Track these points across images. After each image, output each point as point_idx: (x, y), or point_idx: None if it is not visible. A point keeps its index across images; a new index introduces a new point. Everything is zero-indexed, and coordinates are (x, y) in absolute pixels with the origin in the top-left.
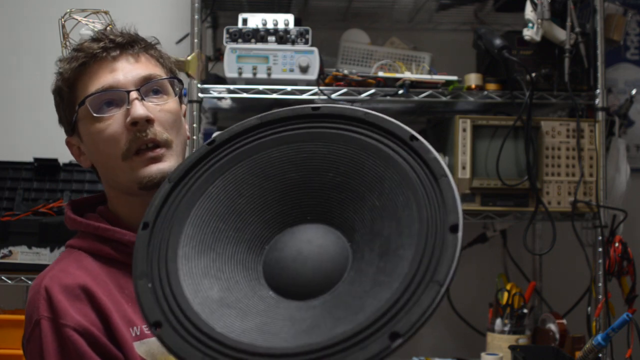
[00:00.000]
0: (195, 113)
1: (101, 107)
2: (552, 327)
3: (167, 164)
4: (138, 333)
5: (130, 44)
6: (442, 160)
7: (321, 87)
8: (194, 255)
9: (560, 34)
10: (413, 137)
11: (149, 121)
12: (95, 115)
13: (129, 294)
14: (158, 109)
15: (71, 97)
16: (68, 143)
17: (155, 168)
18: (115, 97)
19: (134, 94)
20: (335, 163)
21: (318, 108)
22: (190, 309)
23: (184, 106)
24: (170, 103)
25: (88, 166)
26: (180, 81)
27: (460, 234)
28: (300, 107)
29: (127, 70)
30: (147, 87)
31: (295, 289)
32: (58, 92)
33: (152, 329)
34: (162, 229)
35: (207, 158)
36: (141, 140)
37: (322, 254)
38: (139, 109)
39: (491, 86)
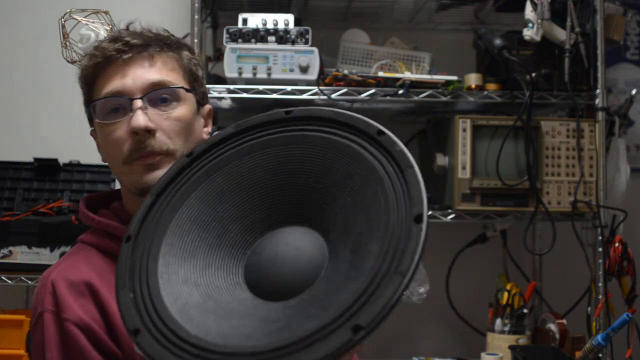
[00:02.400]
0: None
1: (108, 111)
2: (552, 327)
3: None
4: None
5: (145, 45)
6: (408, 152)
7: (321, 87)
8: (174, 263)
9: (560, 34)
10: (380, 132)
11: (149, 131)
12: (99, 121)
13: None
14: (164, 116)
15: (88, 94)
16: (92, 135)
17: (152, 176)
18: (121, 103)
19: (137, 103)
20: (307, 165)
21: (290, 111)
22: (169, 316)
23: (208, 106)
24: (179, 110)
25: (103, 161)
26: (193, 88)
27: (424, 224)
28: (274, 112)
29: (137, 75)
30: (154, 95)
31: (273, 291)
32: (80, 87)
33: (130, 336)
34: (144, 240)
35: (186, 170)
36: (141, 151)
37: (299, 256)
38: (140, 118)
39: (491, 86)
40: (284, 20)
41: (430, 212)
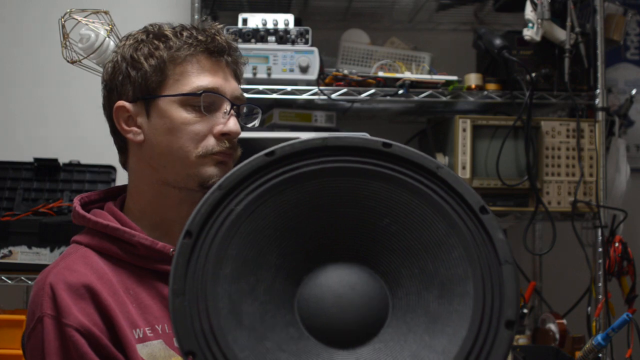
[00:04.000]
0: None
1: (201, 103)
2: (552, 327)
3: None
4: (141, 335)
5: (239, 55)
6: (508, 244)
7: (321, 87)
8: (235, 277)
9: (560, 34)
10: (484, 209)
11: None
12: (185, 114)
13: (134, 294)
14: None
15: (167, 71)
16: (121, 107)
17: (218, 169)
18: (219, 101)
19: (235, 109)
20: (395, 210)
21: (390, 145)
22: (226, 344)
23: None
24: (239, 125)
25: (137, 141)
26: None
27: (514, 332)
28: (372, 139)
29: (232, 82)
30: (242, 108)
31: (329, 335)
32: (148, 56)
33: (184, 356)
34: (206, 241)
35: (263, 170)
36: (224, 152)
37: (364, 305)
38: (236, 124)
39: (491, 86)
40: (284, 20)
41: None
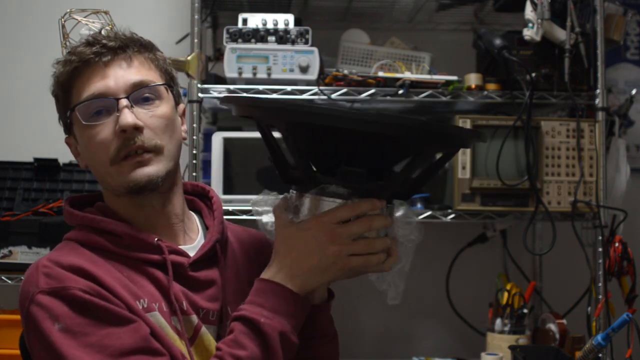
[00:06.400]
0: (195, 113)
1: (92, 114)
2: (552, 327)
3: (154, 167)
4: (145, 305)
5: (123, 47)
6: None
7: (321, 87)
8: None
9: (560, 34)
10: None
11: (137, 129)
12: (84, 123)
13: (128, 276)
14: (149, 114)
15: (66, 100)
16: (67, 142)
17: (141, 172)
18: (105, 104)
19: (123, 102)
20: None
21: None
22: None
23: (182, 105)
24: (162, 108)
25: (84, 167)
26: (172, 86)
27: None
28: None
29: (118, 76)
30: (138, 94)
31: None
32: (55, 95)
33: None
34: None
35: None
36: (129, 147)
37: None
38: (128, 117)
39: (491, 86)
40: (284, 20)
41: (430, 212)
